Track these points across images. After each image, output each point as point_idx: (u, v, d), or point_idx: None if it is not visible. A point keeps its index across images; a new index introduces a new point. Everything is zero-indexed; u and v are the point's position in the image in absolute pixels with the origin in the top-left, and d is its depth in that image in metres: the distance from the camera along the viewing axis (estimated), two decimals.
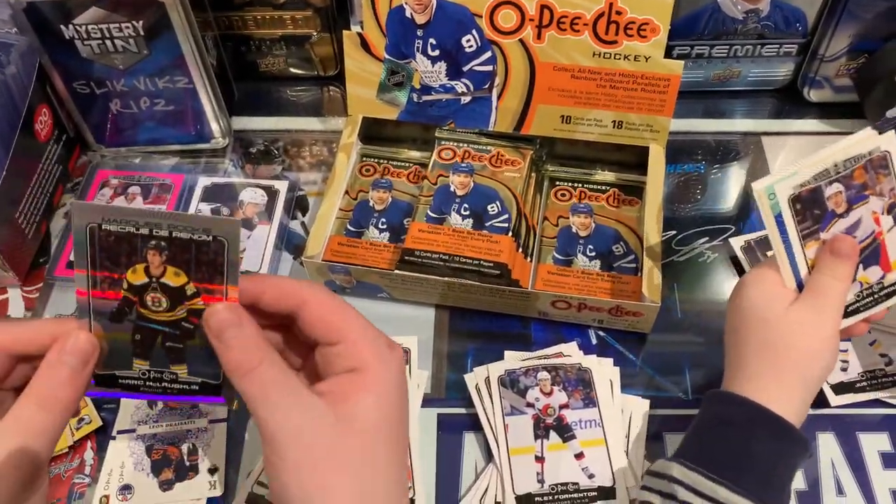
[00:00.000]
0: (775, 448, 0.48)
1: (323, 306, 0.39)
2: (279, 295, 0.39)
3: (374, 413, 0.38)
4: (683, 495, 0.47)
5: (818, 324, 0.50)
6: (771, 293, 0.52)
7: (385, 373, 0.38)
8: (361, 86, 0.72)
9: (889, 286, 0.53)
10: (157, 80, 0.71)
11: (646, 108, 0.68)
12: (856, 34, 0.72)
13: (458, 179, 0.69)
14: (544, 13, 0.65)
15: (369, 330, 0.39)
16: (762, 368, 0.50)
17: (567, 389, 0.61)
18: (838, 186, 0.50)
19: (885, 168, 0.51)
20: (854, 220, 0.51)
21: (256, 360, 0.37)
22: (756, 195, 0.49)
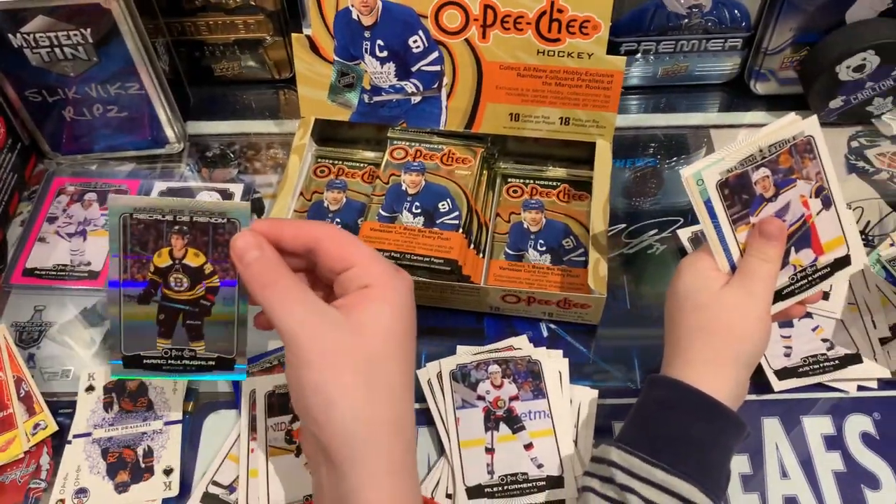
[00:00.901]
0: (710, 430, 0.49)
1: (335, 240, 0.44)
2: (296, 234, 0.45)
3: (384, 319, 0.43)
4: (621, 478, 0.48)
5: (749, 305, 0.51)
6: (704, 277, 0.53)
7: (392, 287, 0.44)
8: (312, 88, 0.73)
9: (822, 268, 0.55)
10: (108, 87, 0.72)
11: (591, 104, 0.69)
12: (797, 27, 0.74)
13: (409, 178, 0.70)
14: (488, 13, 0.66)
15: (378, 255, 0.45)
16: (696, 352, 0.51)
17: (517, 381, 0.62)
18: (765, 171, 0.51)
19: (810, 152, 0.52)
20: (783, 203, 0.52)
21: (276, 274, 0.43)
22: (685, 182, 0.51)
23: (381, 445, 0.42)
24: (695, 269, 0.54)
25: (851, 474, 0.59)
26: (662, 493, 0.47)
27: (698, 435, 0.49)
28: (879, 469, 0.59)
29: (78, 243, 0.73)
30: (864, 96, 0.74)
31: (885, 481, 0.58)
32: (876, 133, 0.78)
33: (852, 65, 0.71)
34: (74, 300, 0.70)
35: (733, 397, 0.51)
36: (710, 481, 0.48)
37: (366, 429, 0.42)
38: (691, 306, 0.53)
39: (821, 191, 0.53)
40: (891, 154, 0.77)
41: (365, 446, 0.42)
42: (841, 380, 0.62)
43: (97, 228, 0.74)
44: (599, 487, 0.49)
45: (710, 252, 0.53)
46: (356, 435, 0.41)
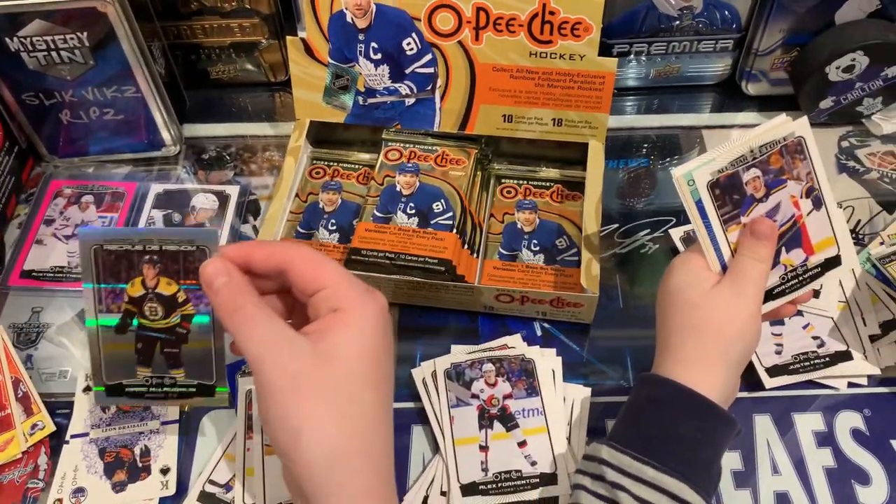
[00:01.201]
0: (701, 428, 0.50)
1: (307, 261, 0.44)
2: (267, 256, 0.44)
3: (354, 344, 0.42)
4: (612, 476, 0.48)
5: (740, 304, 0.52)
6: (695, 276, 0.53)
7: (363, 310, 0.43)
8: (308, 90, 0.73)
9: (812, 268, 0.55)
10: (105, 90, 0.72)
11: (584, 106, 0.70)
12: (788, 28, 0.75)
13: (403, 179, 0.71)
14: (480, 15, 0.67)
15: (350, 277, 0.44)
16: (687, 350, 0.52)
17: (511, 380, 0.62)
18: (756, 171, 0.52)
19: (800, 153, 0.53)
20: (773, 204, 0.53)
21: (242, 300, 0.42)
22: (676, 182, 0.51)
23: (352, 475, 0.41)
24: (686, 268, 0.54)
25: (842, 470, 0.59)
26: (653, 490, 0.47)
27: (689, 433, 0.50)
28: (870, 465, 0.59)
29: (75, 245, 0.73)
30: (854, 96, 0.75)
31: (876, 477, 0.59)
32: (866, 133, 0.79)
33: (842, 65, 0.72)
34: (71, 302, 0.71)
35: (724, 395, 0.51)
36: (700, 479, 0.48)
37: (336, 459, 0.40)
38: (682, 305, 0.53)
39: (811, 191, 0.54)
40: (881, 154, 0.77)
41: (335, 477, 0.40)
42: (831, 377, 0.63)
43: None
44: (590, 485, 0.49)
45: (702, 251, 0.54)
46: (326, 465, 0.40)
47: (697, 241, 0.54)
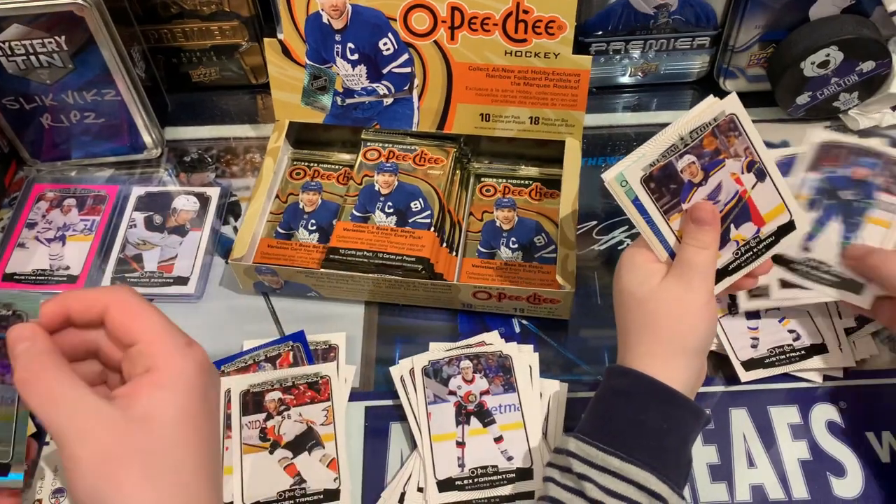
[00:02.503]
0: (666, 417, 0.50)
1: (122, 310, 0.40)
2: (83, 306, 0.40)
3: (168, 409, 0.38)
4: (578, 467, 0.49)
5: (690, 295, 0.52)
6: (643, 271, 0.53)
7: (179, 369, 0.39)
8: (286, 91, 0.74)
9: (766, 238, 0.55)
10: (85, 94, 0.73)
11: (560, 104, 0.70)
12: (763, 25, 0.75)
13: (382, 178, 0.71)
14: (455, 14, 0.67)
15: (166, 330, 0.40)
16: (646, 345, 0.52)
17: (488, 376, 0.63)
18: (690, 158, 0.51)
19: (734, 130, 0.52)
20: (714, 185, 0.53)
21: (40, 369, 0.38)
22: (608, 186, 0.51)
23: None
24: (633, 265, 0.54)
25: (817, 462, 0.60)
26: (618, 480, 0.48)
27: (654, 422, 0.50)
28: (845, 457, 0.60)
29: (57, 248, 0.74)
30: (830, 92, 0.76)
31: (851, 469, 0.59)
32: (844, 128, 0.79)
33: (816, 61, 0.73)
34: None
35: (688, 385, 0.52)
36: (666, 468, 0.48)
37: None
38: (634, 302, 0.53)
39: (752, 165, 0.53)
40: None
41: None
42: (807, 370, 0.63)
43: (76, 234, 0.75)
44: (559, 477, 0.50)
45: (647, 245, 0.54)
46: None
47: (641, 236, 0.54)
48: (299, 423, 0.62)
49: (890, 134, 0.79)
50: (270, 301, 0.70)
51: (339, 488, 0.59)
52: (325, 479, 0.59)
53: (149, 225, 0.75)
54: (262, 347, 0.66)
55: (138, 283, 0.71)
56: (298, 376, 0.64)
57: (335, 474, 0.59)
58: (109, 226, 0.75)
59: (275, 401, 0.63)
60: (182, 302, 0.71)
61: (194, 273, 0.71)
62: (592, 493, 0.47)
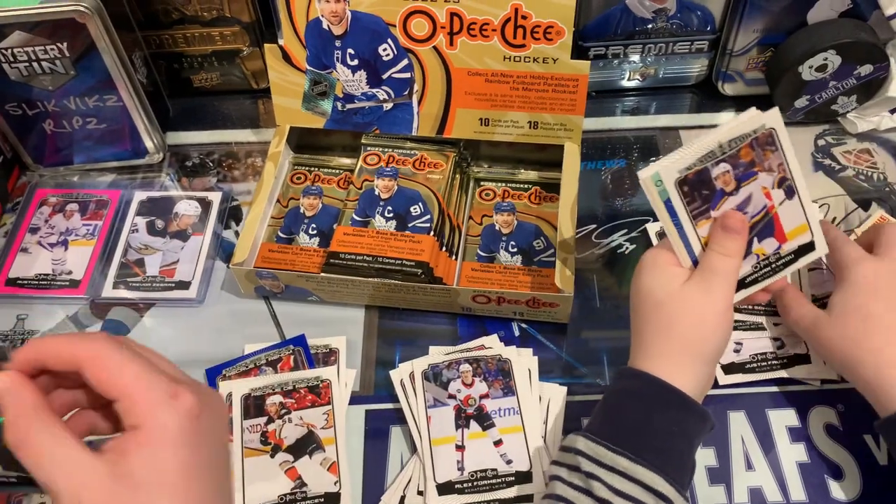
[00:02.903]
0: (675, 420, 0.51)
1: (98, 364, 0.38)
2: (56, 358, 0.39)
3: (152, 467, 0.37)
4: (587, 466, 0.49)
5: (709, 301, 0.52)
6: (665, 274, 0.54)
7: (161, 426, 0.38)
8: (287, 97, 0.74)
9: (786, 256, 0.56)
10: (87, 100, 0.73)
11: (558, 108, 0.71)
12: (761, 29, 0.75)
13: (382, 183, 0.72)
14: (454, 20, 0.68)
15: (147, 383, 0.38)
16: (660, 347, 0.53)
17: (487, 380, 0.63)
18: (725, 166, 0.52)
19: (771, 144, 0.53)
20: (744, 196, 0.53)
21: (28, 429, 0.37)
22: (643, 183, 0.52)
23: None
24: (655, 266, 0.55)
25: (815, 465, 0.60)
26: (626, 480, 0.48)
27: (663, 425, 0.50)
28: (843, 460, 0.60)
29: (59, 253, 0.74)
30: (829, 95, 0.76)
31: (849, 472, 0.59)
32: (842, 131, 0.80)
33: (814, 65, 0.73)
34: (57, 308, 0.72)
35: (697, 390, 0.52)
36: (673, 470, 0.49)
37: None
38: (653, 303, 0.54)
39: (783, 181, 0.54)
40: (856, 151, 0.78)
41: None
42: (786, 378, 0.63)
43: (78, 238, 0.75)
44: (566, 476, 0.50)
45: (671, 247, 0.54)
46: None
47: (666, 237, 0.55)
48: (300, 427, 0.62)
49: (888, 137, 0.79)
50: (271, 305, 0.71)
51: (340, 492, 0.59)
52: (326, 483, 0.60)
53: (151, 229, 0.75)
54: (264, 351, 0.67)
55: (140, 287, 0.71)
56: (299, 380, 0.64)
57: (336, 478, 0.60)
58: (111, 230, 0.76)
59: (276, 404, 0.63)
60: (184, 306, 0.71)
61: (196, 277, 0.71)
62: (600, 492, 0.48)
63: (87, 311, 0.71)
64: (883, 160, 0.78)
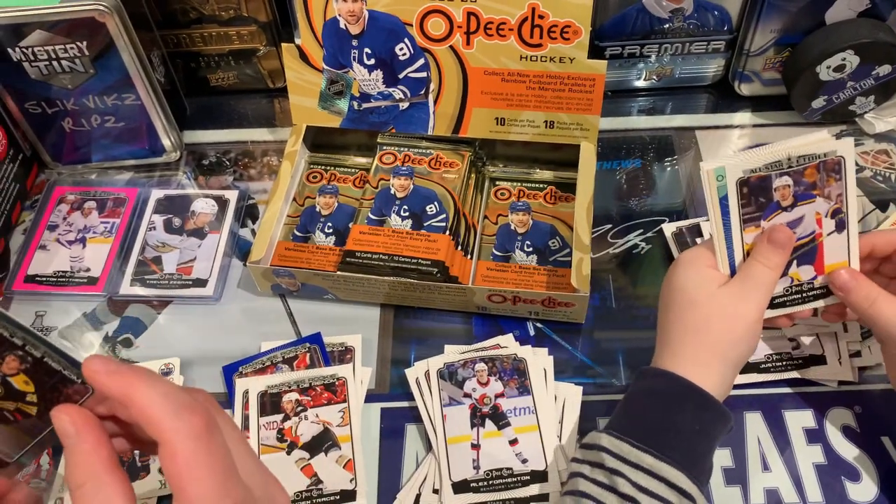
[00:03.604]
0: (698, 419, 0.51)
1: (136, 402, 0.36)
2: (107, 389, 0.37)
3: None
4: (611, 463, 0.49)
5: (744, 309, 0.52)
6: (702, 275, 0.54)
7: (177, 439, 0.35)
8: (303, 96, 0.75)
9: (818, 288, 0.56)
10: (105, 99, 0.74)
11: (575, 108, 0.71)
12: (778, 29, 0.75)
13: (398, 182, 0.72)
14: (471, 20, 0.68)
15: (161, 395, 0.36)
16: (687, 348, 0.53)
17: (503, 379, 0.63)
18: (787, 180, 0.52)
19: (837, 173, 0.53)
20: (797, 216, 0.53)
21: (82, 478, 0.36)
22: (704, 175, 0.51)
23: None
24: (693, 266, 0.55)
25: (832, 467, 0.59)
26: (650, 477, 0.48)
27: (687, 424, 0.50)
28: (860, 462, 0.60)
29: (77, 250, 0.75)
30: (846, 96, 0.75)
31: (866, 473, 0.59)
32: (860, 132, 0.79)
33: (832, 65, 0.72)
34: (74, 305, 0.72)
35: (719, 393, 0.52)
36: (696, 469, 0.49)
37: None
38: (686, 302, 0.54)
39: (837, 213, 0.54)
40: (874, 153, 0.78)
41: None
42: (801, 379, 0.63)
43: (96, 235, 0.76)
44: (589, 472, 0.50)
45: (711, 249, 0.54)
46: None
47: (708, 238, 0.54)
48: (316, 425, 0.62)
49: None
50: (287, 303, 0.71)
51: (356, 489, 0.59)
52: (342, 480, 0.60)
53: (168, 227, 0.76)
54: (280, 349, 0.67)
55: (157, 284, 0.72)
56: (315, 378, 0.64)
57: (351, 475, 0.60)
58: (129, 228, 0.76)
59: (292, 402, 0.63)
60: (201, 304, 0.71)
61: (213, 275, 0.72)
62: (624, 488, 0.48)
63: (104, 308, 0.72)
64: None
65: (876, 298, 0.53)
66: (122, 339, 0.70)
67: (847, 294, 0.54)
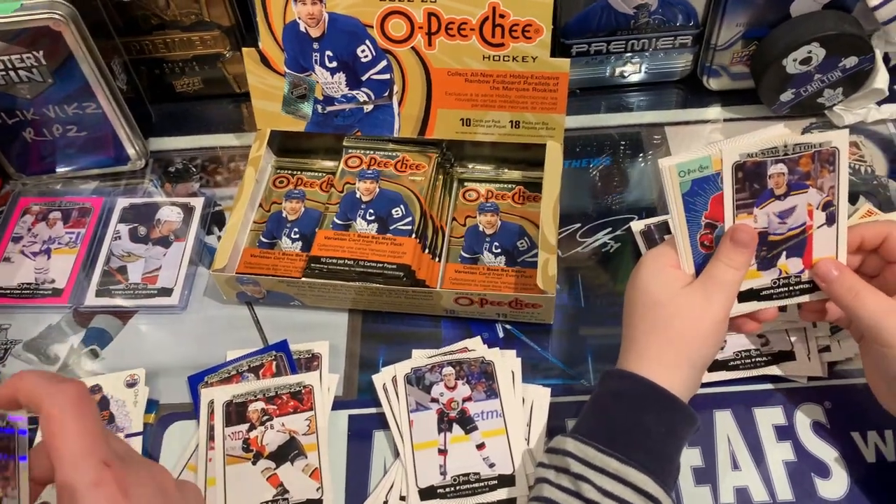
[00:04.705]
0: (664, 421, 0.50)
1: (50, 420, 0.38)
2: (27, 399, 0.39)
3: None
4: (576, 468, 0.49)
5: (708, 309, 0.52)
6: (665, 275, 0.53)
7: None
8: (267, 100, 0.74)
9: (805, 282, 0.55)
10: (66, 108, 0.73)
11: (540, 107, 0.70)
12: (744, 22, 0.74)
13: (363, 186, 0.71)
14: (432, 20, 0.67)
15: (78, 463, 0.38)
16: (652, 348, 0.52)
17: (471, 382, 0.63)
18: (782, 167, 0.52)
19: (831, 164, 0.52)
20: (790, 206, 0.53)
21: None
22: (665, 172, 0.51)
23: None
24: (656, 265, 0.54)
25: (802, 464, 0.59)
26: (616, 482, 0.48)
27: (652, 426, 0.50)
28: (830, 458, 0.59)
29: (42, 262, 0.74)
30: (814, 88, 0.75)
31: (836, 470, 0.59)
32: (829, 125, 0.79)
33: (798, 58, 0.72)
34: (39, 317, 0.71)
35: (684, 394, 0.52)
36: (662, 472, 0.49)
37: None
38: (649, 303, 0.53)
39: (828, 206, 0.53)
40: None
41: None
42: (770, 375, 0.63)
43: (61, 246, 0.75)
44: (554, 478, 0.49)
45: (674, 248, 0.54)
46: None
47: (670, 236, 0.54)
48: (282, 434, 0.62)
49: (876, 129, 0.79)
50: (254, 311, 0.70)
51: (322, 498, 0.59)
52: (308, 489, 0.59)
53: (133, 236, 0.75)
54: (246, 358, 0.66)
55: (123, 294, 0.71)
56: (281, 386, 0.64)
57: (318, 484, 0.59)
58: (94, 238, 0.75)
59: (258, 411, 0.63)
60: (166, 313, 0.71)
61: (178, 284, 0.71)
62: (589, 493, 0.47)
63: (70, 320, 0.71)
64: (871, 153, 0.77)
65: (860, 290, 0.52)
66: (88, 350, 0.69)
67: (830, 284, 0.53)
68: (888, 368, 0.52)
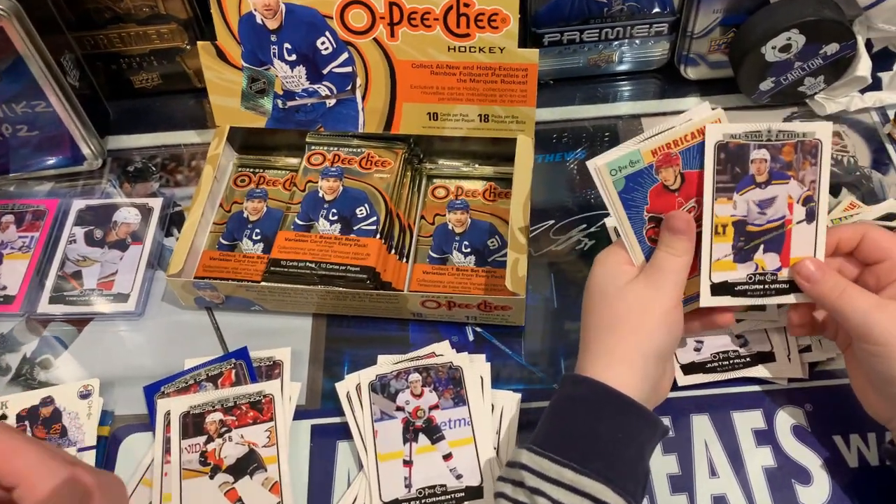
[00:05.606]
0: (621, 426, 0.48)
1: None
2: None
3: None
4: (531, 481, 0.46)
5: (655, 299, 0.50)
6: (613, 271, 0.52)
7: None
8: (225, 96, 0.71)
9: (781, 282, 0.53)
10: (14, 107, 0.70)
11: (508, 100, 0.67)
12: (722, 8, 0.72)
13: (326, 184, 0.68)
14: (394, 10, 0.64)
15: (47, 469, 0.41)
16: (604, 347, 0.50)
17: (438, 389, 0.60)
18: (765, 153, 0.51)
19: (813, 157, 0.51)
20: (770, 195, 0.52)
21: None
22: (595, 172, 0.50)
23: None
24: (605, 264, 0.53)
25: (782, 469, 0.57)
26: (573, 493, 0.45)
27: (608, 432, 0.48)
28: (811, 463, 0.57)
29: None
30: (795, 76, 0.72)
31: (817, 475, 0.56)
32: (811, 114, 0.76)
33: (778, 45, 0.69)
34: None
35: (646, 393, 0.50)
36: (622, 479, 0.46)
37: None
38: (600, 301, 0.52)
39: (809, 201, 0.52)
40: None
41: None
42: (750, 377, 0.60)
43: (14, 251, 0.72)
44: (511, 493, 0.47)
45: (623, 246, 0.53)
46: None
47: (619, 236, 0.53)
48: (241, 446, 0.59)
49: (859, 118, 0.76)
50: (214, 316, 0.68)
51: None
52: None
53: (89, 240, 0.72)
54: (204, 366, 0.63)
55: (77, 301, 0.68)
56: (240, 396, 0.61)
57: (277, 498, 0.57)
58: (49, 242, 0.72)
59: (216, 422, 0.60)
60: (123, 320, 0.68)
61: (135, 289, 0.68)
62: None
63: (22, 329, 0.68)
64: (853, 143, 0.74)
65: (844, 289, 0.50)
66: (41, 360, 0.66)
67: (813, 285, 0.51)
68: (880, 370, 0.49)
